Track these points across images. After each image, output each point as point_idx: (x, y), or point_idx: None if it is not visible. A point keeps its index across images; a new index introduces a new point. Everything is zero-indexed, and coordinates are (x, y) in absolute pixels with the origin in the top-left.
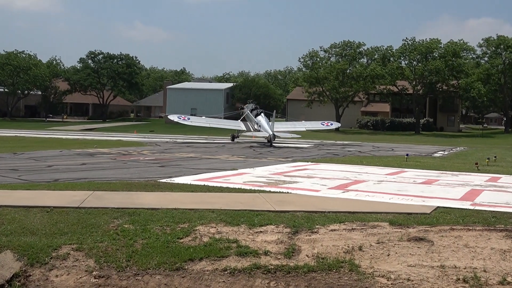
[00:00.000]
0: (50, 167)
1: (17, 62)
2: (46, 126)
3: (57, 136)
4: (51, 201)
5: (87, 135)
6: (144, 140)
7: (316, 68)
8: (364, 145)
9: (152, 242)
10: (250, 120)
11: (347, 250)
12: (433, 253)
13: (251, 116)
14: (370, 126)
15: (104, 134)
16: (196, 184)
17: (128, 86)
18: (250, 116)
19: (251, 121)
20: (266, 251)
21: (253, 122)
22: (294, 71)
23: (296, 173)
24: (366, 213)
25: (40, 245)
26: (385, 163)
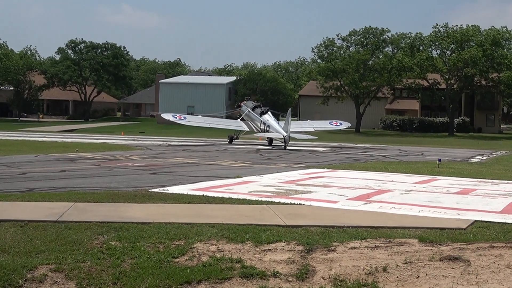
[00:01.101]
0: (24, 175)
1: None
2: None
3: (32, 138)
4: (25, 214)
5: (67, 137)
6: (133, 143)
7: (332, 59)
8: (389, 149)
9: (143, 262)
10: (252, 120)
11: (369, 271)
12: (469, 275)
13: (254, 115)
14: (396, 127)
15: (87, 136)
16: (194, 194)
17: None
18: (251, 115)
19: (254, 121)
20: (275, 272)
21: (257, 121)
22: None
23: (310, 181)
24: (391, 228)
25: (13, 265)
26: (414, 169)
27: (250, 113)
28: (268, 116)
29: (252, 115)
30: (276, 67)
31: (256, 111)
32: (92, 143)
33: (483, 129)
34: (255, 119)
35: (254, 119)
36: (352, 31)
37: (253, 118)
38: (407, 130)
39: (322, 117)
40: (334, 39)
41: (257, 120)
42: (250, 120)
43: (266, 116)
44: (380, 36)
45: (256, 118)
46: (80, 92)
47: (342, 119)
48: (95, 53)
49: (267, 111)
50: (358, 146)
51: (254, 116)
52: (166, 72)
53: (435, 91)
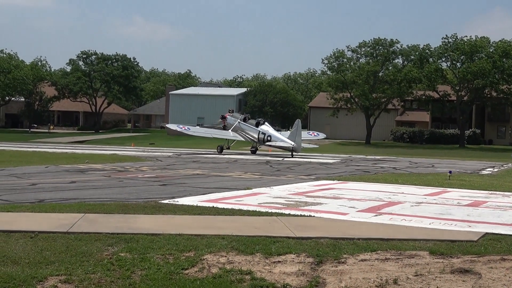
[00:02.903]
0: (34, 186)
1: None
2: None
3: (42, 150)
4: (35, 225)
5: (77, 148)
6: (143, 154)
7: (342, 70)
8: (399, 161)
9: (153, 273)
10: (244, 130)
11: (379, 283)
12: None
13: (247, 126)
14: (407, 139)
15: (97, 147)
16: (204, 205)
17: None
18: (243, 126)
19: (247, 131)
20: (285, 284)
21: (253, 132)
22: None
23: (320, 193)
24: (402, 241)
25: (23, 276)
26: (424, 181)
27: (242, 124)
28: (266, 127)
29: (245, 126)
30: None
31: (249, 122)
32: (102, 154)
33: (494, 141)
34: (249, 130)
35: (248, 129)
36: (362, 43)
37: (245, 129)
38: (418, 142)
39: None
40: (344, 51)
41: (251, 131)
42: (240, 130)
43: (264, 127)
44: (390, 47)
45: (251, 129)
46: (90, 103)
47: (352, 131)
48: (105, 64)
49: (263, 122)
50: (368, 157)
51: (248, 127)
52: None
53: (446, 103)
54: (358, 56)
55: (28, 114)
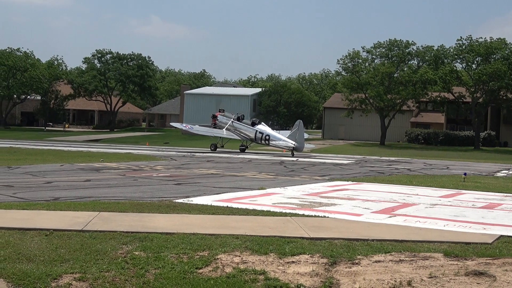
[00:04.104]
0: (49, 184)
1: (11, 61)
2: (45, 136)
3: (57, 148)
4: (50, 223)
5: (92, 147)
6: (157, 153)
7: (357, 71)
8: (414, 162)
9: (167, 272)
10: (238, 129)
11: (393, 285)
12: None
13: (242, 125)
14: (421, 140)
15: (112, 146)
16: (218, 205)
17: (139, 90)
18: (238, 125)
19: (242, 130)
20: (298, 284)
21: (248, 131)
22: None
23: (334, 193)
24: (416, 242)
25: (38, 274)
26: (439, 183)
27: (236, 123)
28: (263, 126)
29: (239, 125)
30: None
31: (244, 122)
32: (117, 153)
33: (509, 143)
34: (244, 129)
35: (244, 129)
36: (377, 44)
37: (240, 128)
38: (432, 144)
39: (347, 130)
40: (359, 51)
41: (247, 130)
42: (234, 129)
43: (260, 126)
44: (405, 48)
45: (247, 128)
46: (105, 102)
47: (367, 132)
48: (120, 64)
49: (259, 122)
50: (382, 159)
51: (243, 126)
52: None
53: (461, 104)
54: (373, 57)
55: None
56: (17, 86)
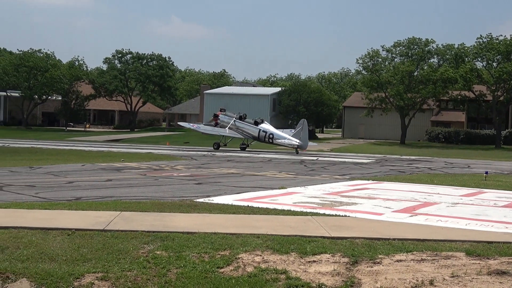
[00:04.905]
0: (71, 184)
1: (33, 62)
2: (66, 136)
3: (78, 148)
4: (72, 222)
5: (113, 147)
6: (178, 153)
7: (377, 70)
8: (434, 161)
9: (188, 271)
10: (240, 128)
11: (415, 284)
12: None
13: (245, 124)
14: (442, 139)
15: (132, 145)
16: (238, 204)
17: (159, 90)
18: (240, 124)
19: (244, 129)
20: (320, 284)
21: (251, 130)
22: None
23: (355, 193)
24: (438, 241)
25: (60, 273)
26: (460, 182)
27: (238, 122)
28: (266, 125)
29: (242, 124)
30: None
31: (246, 121)
32: (138, 153)
33: None
34: (247, 128)
35: (247, 127)
36: (397, 42)
37: (243, 127)
38: (453, 142)
39: (367, 129)
40: (378, 50)
41: (250, 129)
42: (236, 128)
43: (264, 125)
44: (425, 46)
45: (249, 127)
46: (126, 102)
47: (387, 131)
48: (140, 64)
49: (262, 121)
50: (403, 158)
51: (245, 125)
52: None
53: (481, 103)
54: (393, 56)
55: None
56: (38, 86)
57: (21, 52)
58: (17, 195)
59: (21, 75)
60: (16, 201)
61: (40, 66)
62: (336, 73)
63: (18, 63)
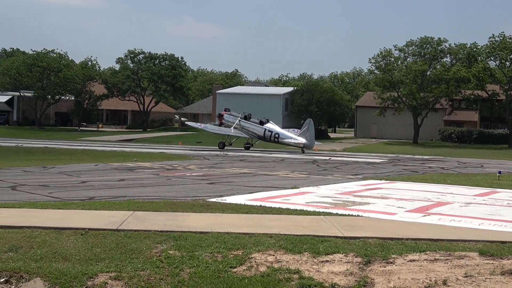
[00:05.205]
0: (84, 183)
1: (46, 62)
2: (79, 136)
3: (91, 148)
4: (85, 222)
5: (126, 146)
6: (190, 153)
7: (390, 70)
8: (447, 161)
9: (201, 271)
10: (245, 128)
11: (429, 284)
12: None
13: (250, 124)
14: (455, 138)
15: (145, 145)
16: (251, 204)
17: (171, 90)
18: (245, 124)
19: (250, 129)
20: (333, 284)
21: (256, 130)
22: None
23: (367, 192)
24: (451, 241)
25: (74, 273)
26: (474, 182)
27: (243, 122)
28: (272, 125)
29: (247, 124)
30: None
31: (252, 120)
32: (150, 152)
33: None
34: (252, 128)
35: (252, 127)
36: (409, 42)
37: (248, 126)
38: (466, 142)
39: (379, 128)
40: (391, 50)
41: (255, 129)
42: (241, 128)
43: (269, 125)
44: (437, 46)
45: (255, 126)
46: (138, 102)
47: (399, 130)
48: (153, 63)
49: (267, 121)
50: (416, 157)
51: (251, 125)
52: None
53: (495, 102)
54: (405, 55)
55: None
56: (51, 86)
57: (34, 52)
58: (31, 195)
59: (34, 75)
60: (30, 200)
61: (53, 66)
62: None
63: (31, 63)
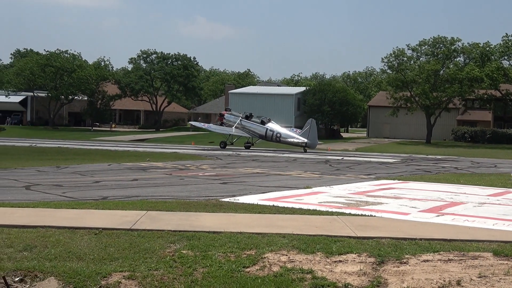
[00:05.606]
0: (97, 183)
1: (59, 63)
2: (92, 136)
3: (104, 148)
4: (99, 221)
5: (139, 146)
6: (203, 152)
7: (402, 69)
8: (461, 161)
9: (214, 270)
10: (246, 127)
11: (442, 284)
12: None
13: (251, 123)
14: (468, 138)
15: (158, 145)
16: (264, 204)
17: (184, 90)
18: (246, 123)
19: (251, 128)
20: (346, 284)
21: (258, 130)
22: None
23: (380, 192)
24: (465, 241)
25: (88, 272)
26: (487, 182)
27: (244, 121)
28: (273, 125)
29: (248, 123)
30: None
31: (253, 120)
32: (163, 152)
33: None
34: (254, 127)
35: (253, 127)
36: (422, 41)
37: (249, 126)
38: (479, 142)
39: (392, 128)
40: (404, 49)
41: (256, 129)
42: (242, 127)
43: (270, 124)
44: (450, 45)
45: (256, 126)
46: (151, 102)
47: (412, 130)
48: (165, 64)
49: (269, 120)
50: (429, 157)
51: (252, 124)
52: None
53: (508, 101)
54: (418, 54)
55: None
56: (65, 86)
57: (47, 53)
58: (45, 195)
59: (48, 76)
60: (44, 200)
61: (67, 67)
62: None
63: (44, 63)
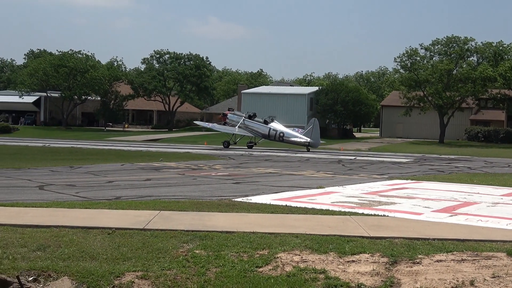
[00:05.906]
0: (110, 183)
1: (72, 63)
2: (105, 136)
3: (117, 148)
4: (112, 221)
5: (151, 146)
6: (215, 152)
7: (415, 69)
8: (474, 160)
9: (227, 270)
10: (249, 126)
11: (456, 284)
12: None
13: (254, 123)
14: (481, 138)
15: (171, 145)
16: (277, 204)
17: (196, 90)
18: (250, 123)
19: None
20: (359, 284)
21: (261, 129)
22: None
23: (393, 192)
24: (478, 242)
25: (101, 272)
26: (501, 182)
27: (248, 121)
28: (276, 124)
29: (251, 123)
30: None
31: (256, 120)
32: (176, 152)
33: None
34: (257, 127)
35: (256, 126)
36: (435, 41)
37: (253, 126)
38: (493, 141)
39: (405, 128)
40: (417, 49)
41: (260, 128)
42: (245, 127)
43: (274, 124)
44: (463, 45)
45: (260, 125)
46: (164, 102)
47: (425, 130)
48: (178, 64)
49: (272, 120)
50: (442, 157)
51: (255, 124)
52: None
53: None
54: (431, 54)
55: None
56: (78, 87)
57: (61, 53)
58: (58, 195)
59: (61, 76)
60: (57, 200)
61: (80, 67)
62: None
63: (58, 64)
